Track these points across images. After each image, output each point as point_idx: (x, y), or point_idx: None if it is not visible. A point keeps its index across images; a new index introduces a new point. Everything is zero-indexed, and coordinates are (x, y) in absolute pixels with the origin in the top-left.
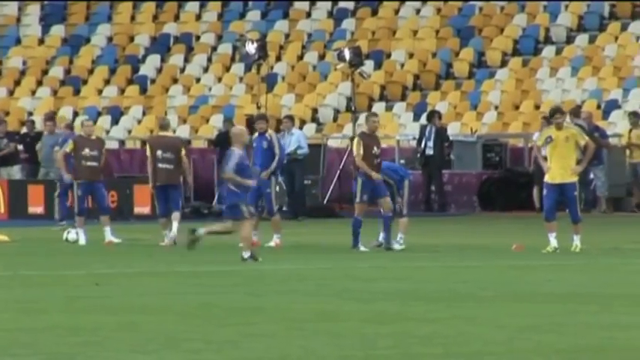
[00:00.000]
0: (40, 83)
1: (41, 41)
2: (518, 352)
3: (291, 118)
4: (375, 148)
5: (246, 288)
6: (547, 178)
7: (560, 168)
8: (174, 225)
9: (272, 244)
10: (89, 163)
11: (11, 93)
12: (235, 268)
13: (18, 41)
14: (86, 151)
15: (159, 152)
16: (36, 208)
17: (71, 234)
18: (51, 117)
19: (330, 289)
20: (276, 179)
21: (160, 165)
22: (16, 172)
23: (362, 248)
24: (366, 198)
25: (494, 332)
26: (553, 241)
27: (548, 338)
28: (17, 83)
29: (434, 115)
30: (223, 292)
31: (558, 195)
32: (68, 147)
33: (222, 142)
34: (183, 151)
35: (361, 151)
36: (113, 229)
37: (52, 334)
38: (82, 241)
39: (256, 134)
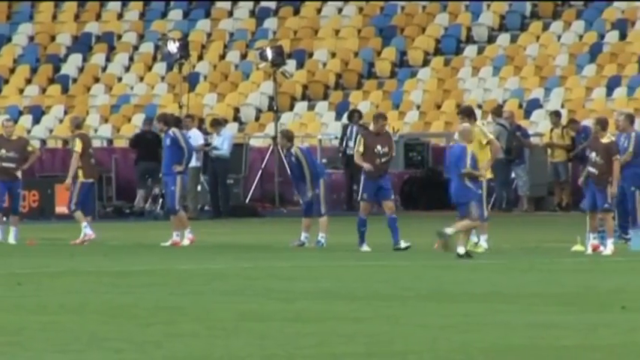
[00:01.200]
0: None
1: None
2: (441, 352)
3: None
4: (379, 147)
5: (168, 288)
6: None
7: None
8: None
9: (186, 241)
10: (5, 164)
11: None
12: (157, 268)
13: None
14: (2, 152)
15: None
16: None
17: None
18: None
19: (253, 288)
20: (183, 177)
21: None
22: None
23: (364, 248)
24: (367, 197)
25: (417, 332)
26: (482, 242)
27: (470, 337)
28: None
29: (354, 114)
30: (146, 292)
31: None
32: None
33: (140, 142)
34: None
35: (361, 149)
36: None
37: None
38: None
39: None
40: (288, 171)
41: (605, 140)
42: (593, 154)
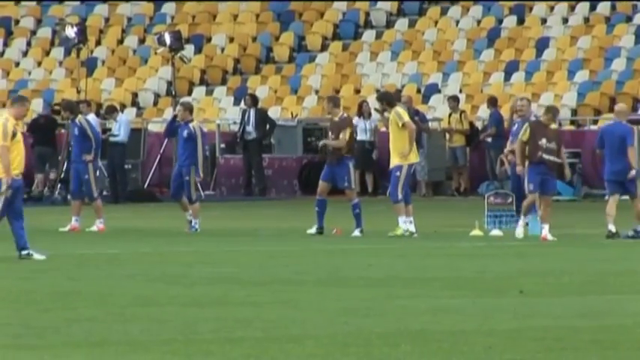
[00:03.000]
0: None
1: None
2: (338, 336)
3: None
4: (544, 140)
5: (66, 272)
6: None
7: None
8: None
9: (94, 228)
10: None
11: None
12: (55, 253)
13: None
14: None
15: None
16: None
17: None
18: None
19: (151, 273)
20: (94, 164)
21: None
22: None
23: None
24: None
25: (315, 316)
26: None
27: (369, 322)
28: None
29: (250, 98)
30: (44, 277)
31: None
32: None
33: (36, 127)
34: None
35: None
36: None
37: None
38: None
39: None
40: (180, 144)
41: (554, 127)
42: (544, 141)
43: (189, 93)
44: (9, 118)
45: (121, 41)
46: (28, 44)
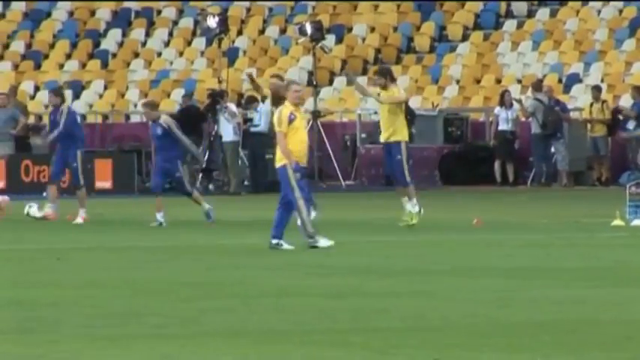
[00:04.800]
0: (0, 57)
1: (2, 16)
2: (477, 326)
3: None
4: None
5: (205, 263)
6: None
7: (383, 128)
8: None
9: (79, 220)
10: None
11: None
12: (195, 243)
13: None
14: None
15: None
16: None
17: (33, 208)
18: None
19: (289, 264)
20: (81, 152)
21: None
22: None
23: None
24: None
25: (452, 306)
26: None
27: (505, 312)
28: None
29: None
30: (182, 267)
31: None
32: None
33: (183, 117)
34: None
35: None
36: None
37: (9, 309)
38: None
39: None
40: (153, 143)
41: None
42: None
43: (330, 83)
44: (287, 104)
45: (262, 31)
46: (170, 34)
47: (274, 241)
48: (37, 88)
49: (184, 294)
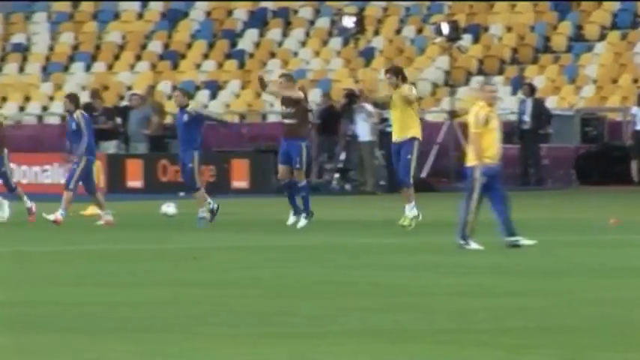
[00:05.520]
0: (138, 58)
1: (140, 16)
2: (610, 327)
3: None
4: None
5: (336, 262)
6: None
7: (396, 128)
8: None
9: (101, 222)
10: None
11: (110, 67)
12: (327, 242)
13: (116, 16)
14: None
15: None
16: (134, 183)
17: (170, 208)
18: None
19: (423, 263)
20: (88, 159)
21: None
22: (111, 146)
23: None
24: None
25: (586, 307)
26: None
27: (638, 313)
28: (116, 58)
29: (528, 88)
30: (317, 267)
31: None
32: None
33: (322, 116)
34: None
35: None
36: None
37: (148, 307)
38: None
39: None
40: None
41: None
42: None
43: (466, 83)
44: (483, 105)
45: (398, 31)
46: (307, 34)
47: (512, 239)
48: (174, 89)
49: (319, 293)
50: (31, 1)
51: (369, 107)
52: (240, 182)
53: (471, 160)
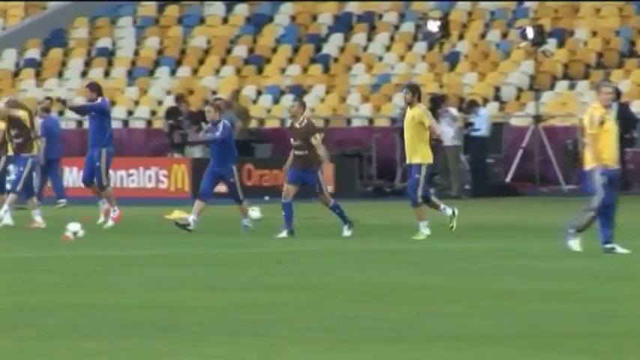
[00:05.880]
0: (223, 62)
1: (225, 20)
2: None
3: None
4: None
5: (421, 267)
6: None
7: (407, 150)
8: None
9: (109, 223)
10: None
11: (195, 72)
12: (414, 247)
13: (202, 20)
14: None
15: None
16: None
17: (255, 212)
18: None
19: (506, 267)
20: (107, 151)
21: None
22: (197, 150)
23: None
24: None
25: None
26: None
27: None
28: (201, 62)
29: (614, 92)
30: (399, 271)
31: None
32: None
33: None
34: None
35: None
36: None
37: (230, 311)
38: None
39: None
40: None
41: None
42: None
43: (552, 87)
44: (597, 106)
45: (483, 35)
46: (391, 39)
47: (608, 246)
48: (259, 93)
49: (404, 297)
50: (117, 5)
51: (453, 111)
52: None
53: (588, 163)
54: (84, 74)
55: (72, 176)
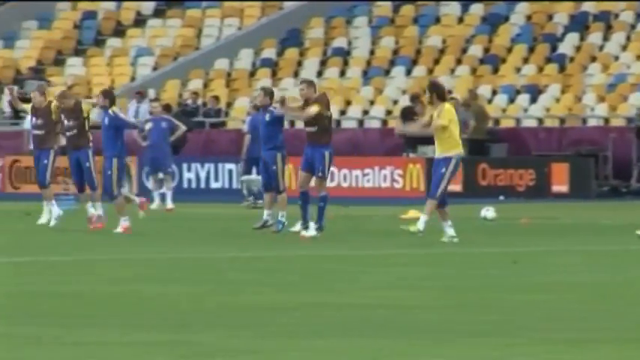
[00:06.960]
0: (459, 62)
1: (460, 20)
2: None
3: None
4: None
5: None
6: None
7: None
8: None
9: (119, 229)
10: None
11: (430, 72)
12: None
13: (437, 20)
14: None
15: None
16: (453, 186)
17: (490, 212)
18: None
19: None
20: (119, 159)
21: None
22: (429, 150)
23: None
24: None
25: None
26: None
27: None
28: (436, 62)
29: None
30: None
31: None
32: None
33: None
34: None
35: None
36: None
37: (453, 311)
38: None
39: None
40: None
41: None
42: None
43: None
44: None
45: None
46: (628, 38)
47: None
48: (494, 93)
49: (635, 298)
50: (352, 5)
51: None
52: (559, 186)
53: None
54: (319, 74)
55: None
